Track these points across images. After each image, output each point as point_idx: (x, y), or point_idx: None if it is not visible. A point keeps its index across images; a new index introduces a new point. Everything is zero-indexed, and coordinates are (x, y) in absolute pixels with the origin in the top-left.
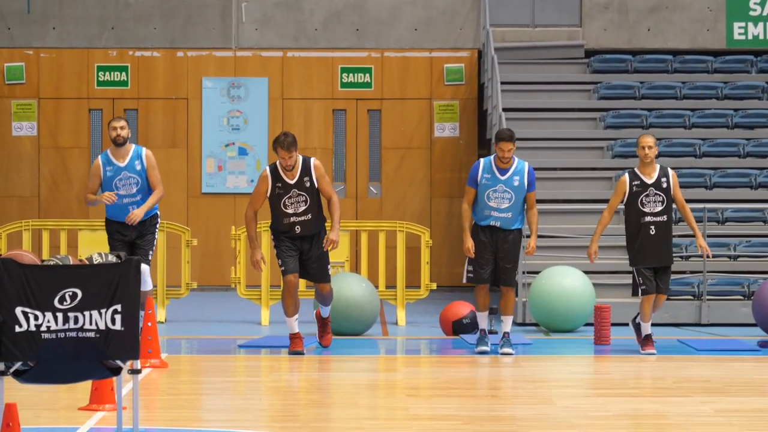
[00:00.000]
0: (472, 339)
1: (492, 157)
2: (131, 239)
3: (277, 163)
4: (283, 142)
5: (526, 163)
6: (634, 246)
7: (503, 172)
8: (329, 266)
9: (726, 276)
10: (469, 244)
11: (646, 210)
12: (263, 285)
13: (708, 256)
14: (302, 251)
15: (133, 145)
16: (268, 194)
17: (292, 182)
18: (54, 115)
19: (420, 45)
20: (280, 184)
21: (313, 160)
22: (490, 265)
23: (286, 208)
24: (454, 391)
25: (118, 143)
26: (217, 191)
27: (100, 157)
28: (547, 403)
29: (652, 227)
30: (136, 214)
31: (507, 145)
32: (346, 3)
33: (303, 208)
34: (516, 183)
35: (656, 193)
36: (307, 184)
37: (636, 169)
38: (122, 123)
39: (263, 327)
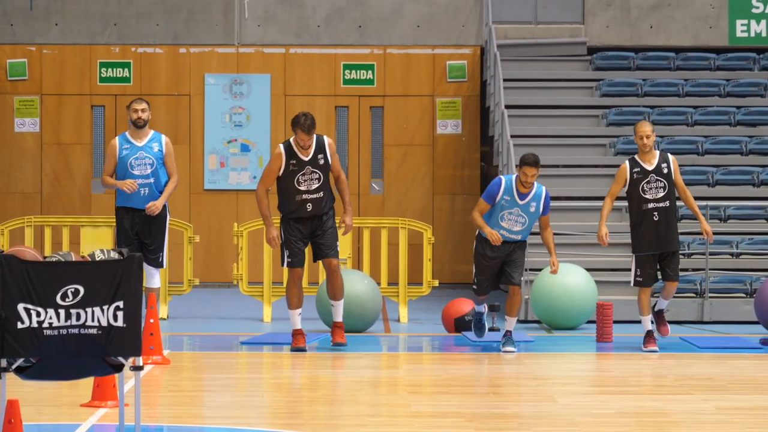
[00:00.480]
0: (474, 336)
1: (514, 177)
2: (140, 237)
3: (291, 140)
4: (303, 125)
5: (544, 188)
6: (638, 233)
7: (522, 196)
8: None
9: (728, 273)
10: (488, 229)
11: (648, 196)
12: (265, 282)
13: (711, 241)
14: (311, 232)
15: (153, 130)
16: (281, 172)
17: (306, 159)
18: (56, 112)
19: (422, 42)
20: (294, 161)
21: (326, 138)
22: (492, 277)
23: (299, 185)
24: (456, 388)
25: (139, 125)
26: (219, 188)
27: (117, 137)
28: (549, 400)
29: (656, 213)
30: (156, 206)
31: (531, 170)
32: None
33: (316, 185)
34: (532, 209)
35: (657, 179)
36: (321, 162)
37: (636, 157)
38: (143, 105)
39: (265, 324)
